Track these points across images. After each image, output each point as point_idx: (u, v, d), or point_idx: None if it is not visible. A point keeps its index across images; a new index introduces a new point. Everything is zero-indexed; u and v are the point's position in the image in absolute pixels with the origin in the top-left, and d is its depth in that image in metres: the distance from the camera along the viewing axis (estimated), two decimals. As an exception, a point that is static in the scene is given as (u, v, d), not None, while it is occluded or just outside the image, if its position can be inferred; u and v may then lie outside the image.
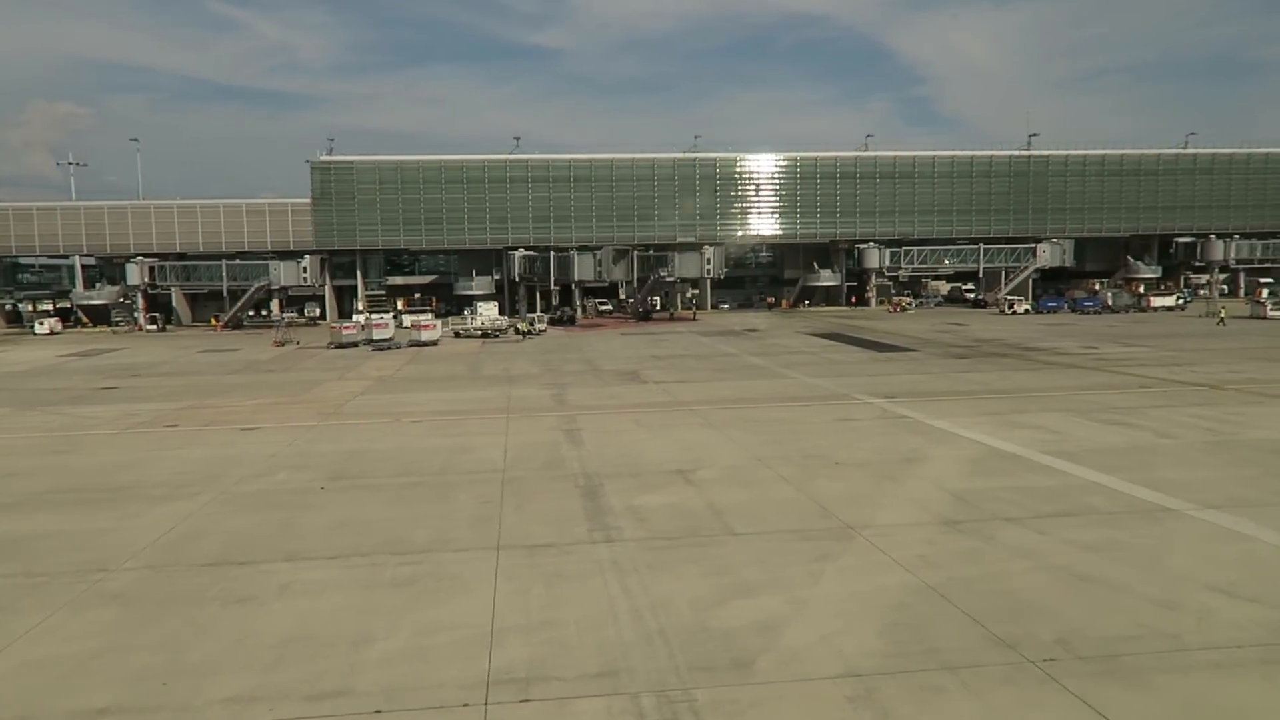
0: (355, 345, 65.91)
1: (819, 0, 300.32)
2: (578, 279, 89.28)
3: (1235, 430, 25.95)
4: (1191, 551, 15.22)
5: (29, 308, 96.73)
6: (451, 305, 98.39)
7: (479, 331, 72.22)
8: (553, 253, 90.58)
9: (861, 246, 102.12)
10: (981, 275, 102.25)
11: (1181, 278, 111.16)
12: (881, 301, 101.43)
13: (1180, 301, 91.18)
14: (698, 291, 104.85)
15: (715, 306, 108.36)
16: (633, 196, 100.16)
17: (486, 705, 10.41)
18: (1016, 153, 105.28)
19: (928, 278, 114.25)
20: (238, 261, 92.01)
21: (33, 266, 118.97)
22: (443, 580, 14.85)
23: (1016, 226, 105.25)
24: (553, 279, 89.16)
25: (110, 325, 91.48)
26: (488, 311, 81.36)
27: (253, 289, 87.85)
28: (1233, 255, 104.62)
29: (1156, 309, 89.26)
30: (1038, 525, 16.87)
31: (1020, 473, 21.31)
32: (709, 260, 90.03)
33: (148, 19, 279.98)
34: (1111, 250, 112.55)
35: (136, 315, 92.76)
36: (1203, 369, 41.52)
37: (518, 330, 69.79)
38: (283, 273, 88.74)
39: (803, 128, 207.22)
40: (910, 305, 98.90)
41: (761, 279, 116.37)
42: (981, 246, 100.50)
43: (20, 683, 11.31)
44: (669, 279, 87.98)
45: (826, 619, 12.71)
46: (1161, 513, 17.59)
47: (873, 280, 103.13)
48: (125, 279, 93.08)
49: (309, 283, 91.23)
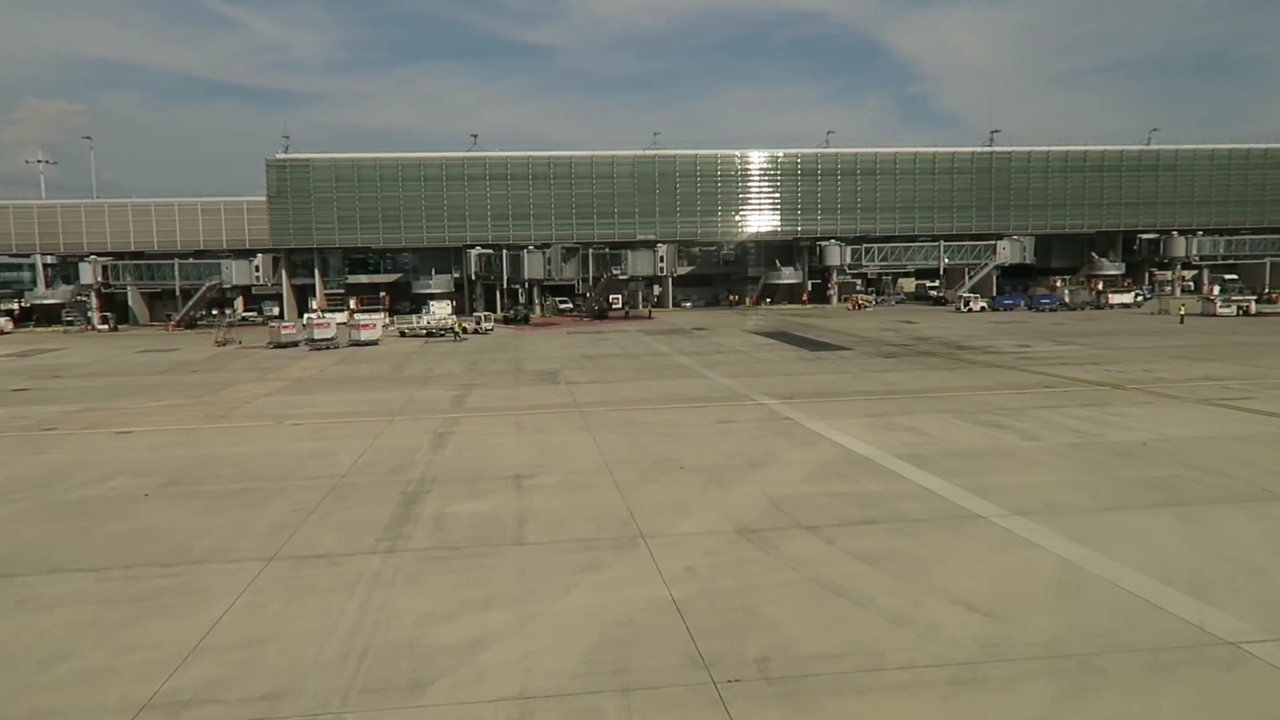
0: (295, 345, 65.28)
1: None
2: (528, 277, 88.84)
3: (1103, 432, 25.56)
4: (965, 561, 14.79)
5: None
6: (411, 304, 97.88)
7: (424, 331, 71.65)
8: (505, 251, 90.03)
9: (823, 244, 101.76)
10: (943, 273, 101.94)
11: (1146, 274, 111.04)
12: (844, 299, 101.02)
13: (1139, 299, 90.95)
14: (662, 290, 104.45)
15: (678, 305, 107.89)
16: (592, 194, 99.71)
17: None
18: (979, 149, 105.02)
19: (898, 275, 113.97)
20: (191, 261, 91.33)
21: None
22: (187, 594, 14.36)
23: (980, 223, 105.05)
24: (505, 278, 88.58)
25: (62, 325, 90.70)
26: (440, 310, 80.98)
27: (204, 288, 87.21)
28: (1194, 252, 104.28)
29: (1114, 306, 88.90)
30: (831, 534, 16.43)
31: (858, 478, 20.86)
32: (662, 258, 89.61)
33: (142, 16, 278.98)
34: (1077, 247, 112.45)
35: (90, 315, 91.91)
36: (1120, 368, 41.21)
37: (452, 331, 68.75)
38: (235, 271, 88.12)
39: (798, 125, 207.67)
40: (870, 303, 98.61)
41: (733, 277, 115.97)
42: (942, 244, 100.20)
43: None
44: (622, 277, 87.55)
45: (542, 636, 12.26)
46: (967, 520, 17.17)
47: (834, 278, 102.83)
48: (79, 278, 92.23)
49: (261, 282, 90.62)
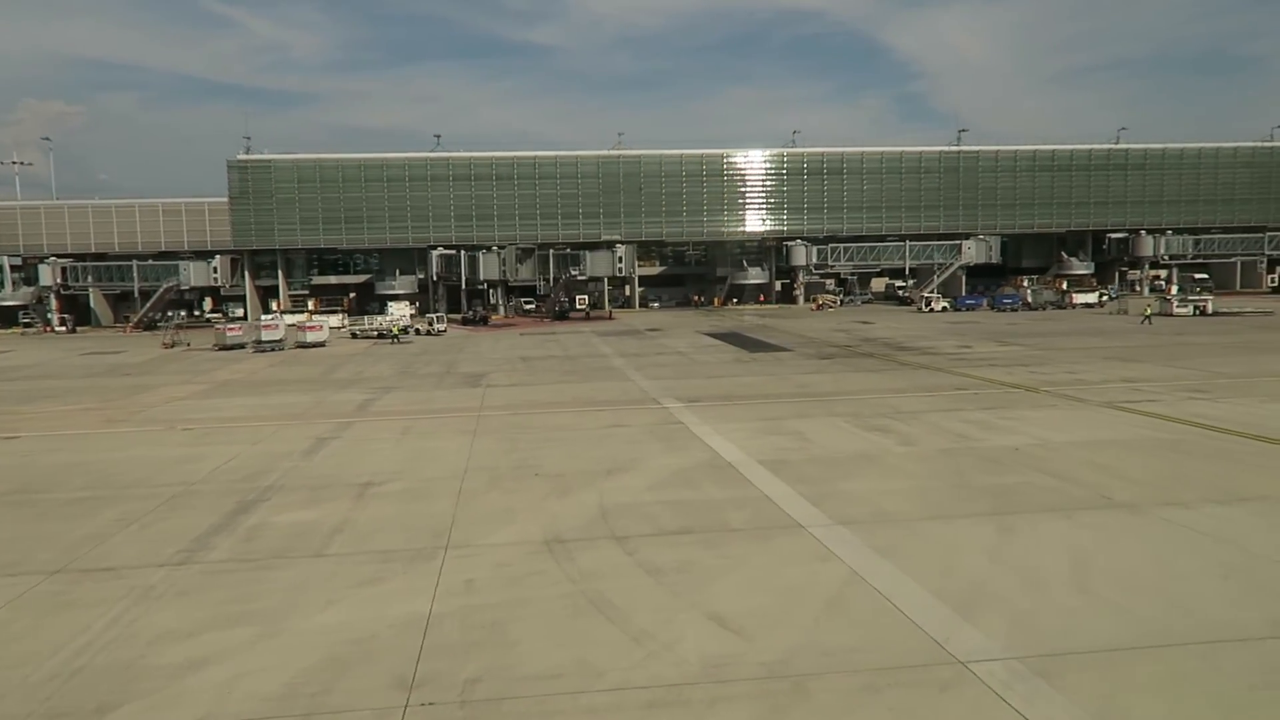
0: (242, 347, 64.77)
1: None
2: (484, 278, 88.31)
3: (985, 437, 25.16)
4: (751, 575, 14.36)
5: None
6: (379, 305, 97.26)
7: (375, 333, 71.12)
8: (462, 252, 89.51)
9: (789, 244, 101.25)
10: (908, 272, 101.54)
11: (1116, 274, 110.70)
12: (809, 300, 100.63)
13: (1103, 298, 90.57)
14: (629, 290, 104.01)
15: (646, 305, 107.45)
16: (557, 195, 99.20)
17: None
18: (947, 149, 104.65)
19: (871, 275, 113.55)
20: (150, 262, 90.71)
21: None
22: (-60, 611, 13.86)
23: (948, 223, 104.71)
24: (463, 279, 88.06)
25: (20, 327, 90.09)
26: (398, 312, 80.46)
27: (161, 289, 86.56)
28: (1162, 251, 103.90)
29: (1078, 306, 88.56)
30: (636, 545, 16.00)
31: (706, 485, 20.43)
32: (620, 259, 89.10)
33: (139, 17, 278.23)
34: (1048, 247, 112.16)
35: (50, 316, 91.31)
36: (1046, 369, 40.85)
37: (391, 334, 67.67)
38: (192, 273, 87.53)
39: (797, 124, 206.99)
40: (835, 303, 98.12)
41: (706, 277, 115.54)
42: (908, 243, 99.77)
43: None
44: (580, 278, 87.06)
45: (268, 655, 11.81)
46: (785, 530, 16.73)
47: (801, 278, 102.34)
48: (38, 280, 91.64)
49: (220, 283, 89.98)
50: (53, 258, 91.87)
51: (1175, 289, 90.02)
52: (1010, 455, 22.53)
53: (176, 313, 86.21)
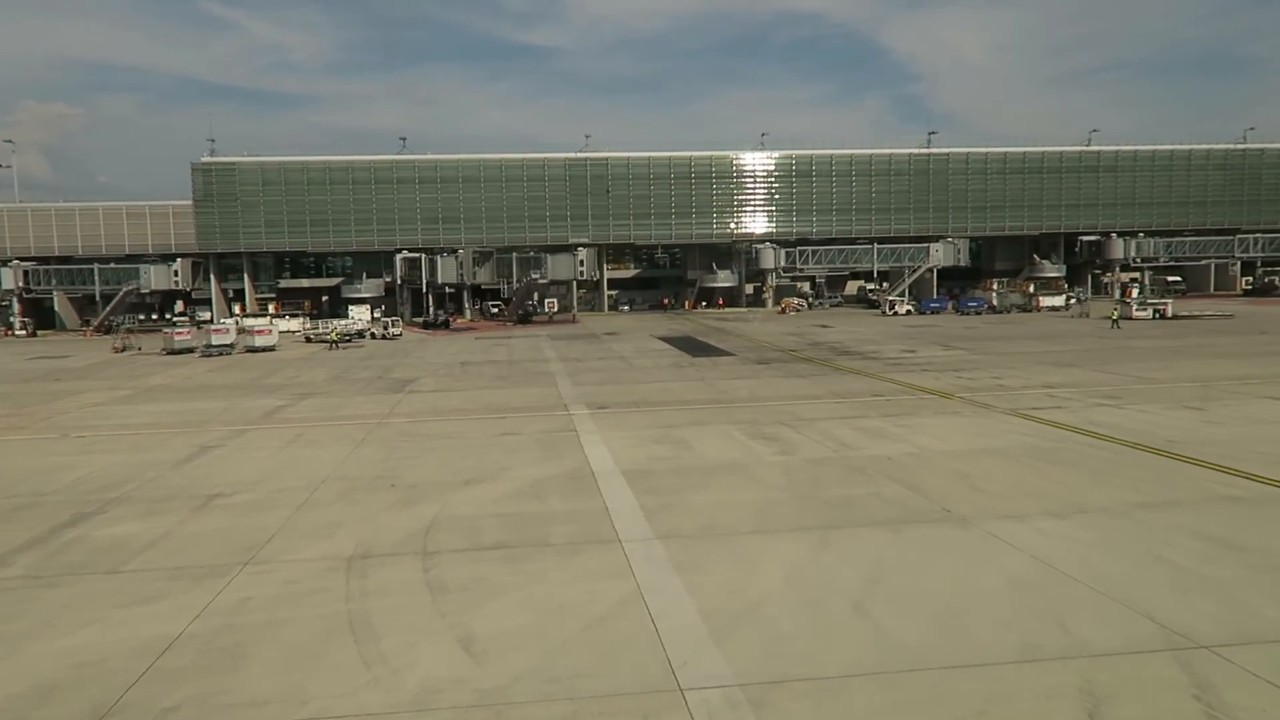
0: (190, 350, 64.28)
1: None
2: (442, 281, 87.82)
3: (866, 446, 24.76)
4: (539, 593, 13.94)
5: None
6: (343, 309, 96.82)
7: (343, 336, 70.57)
8: (424, 255, 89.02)
9: (758, 247, 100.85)
10: (875, 275, 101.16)
11: (1089, 277, 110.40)
12: (778, 303, 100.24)
13: (1070, 301, 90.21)
14: (592, 293, 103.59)
15: (616, 308, 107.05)
16: (524, 197, 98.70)
17: None
18: (917, 151, 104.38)
19: (847, 278, 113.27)
20: (111, 265, 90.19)
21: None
22: None
23: (918, 225, 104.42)
24: (424, 282, 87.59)
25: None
26: (359, 315, 79.97)
27: (121, 293, 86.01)
28: (1133, 253, 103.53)
29: (1044, 309, 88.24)
30: (439, 560, 15.60)
31: (554, 497, 20.03)
32: (582, 262, 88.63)
33: (139, 19, 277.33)
34: (1021, 249, 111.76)
35: (12, 320, 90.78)
36: (974, 374, 40.53)
37: (329, 340, 66.94)
38: (153, 276, 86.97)
39: (796, 126, 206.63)
40: (802, 306, 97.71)
41: (680, 279, 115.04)
42: (875, 246, 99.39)
43: None
44: (542, 281, 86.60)
45: (-21, 682, 11.30)
46: (600, 545, 16.31)
47: (770, 280, 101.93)
48: (0, 283, 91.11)
49: (181, 286, 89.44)
50: (15, 261, 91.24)
51: (1136, 292, 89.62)
52: (879, 465, 22.09)
53: (129, 316, 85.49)
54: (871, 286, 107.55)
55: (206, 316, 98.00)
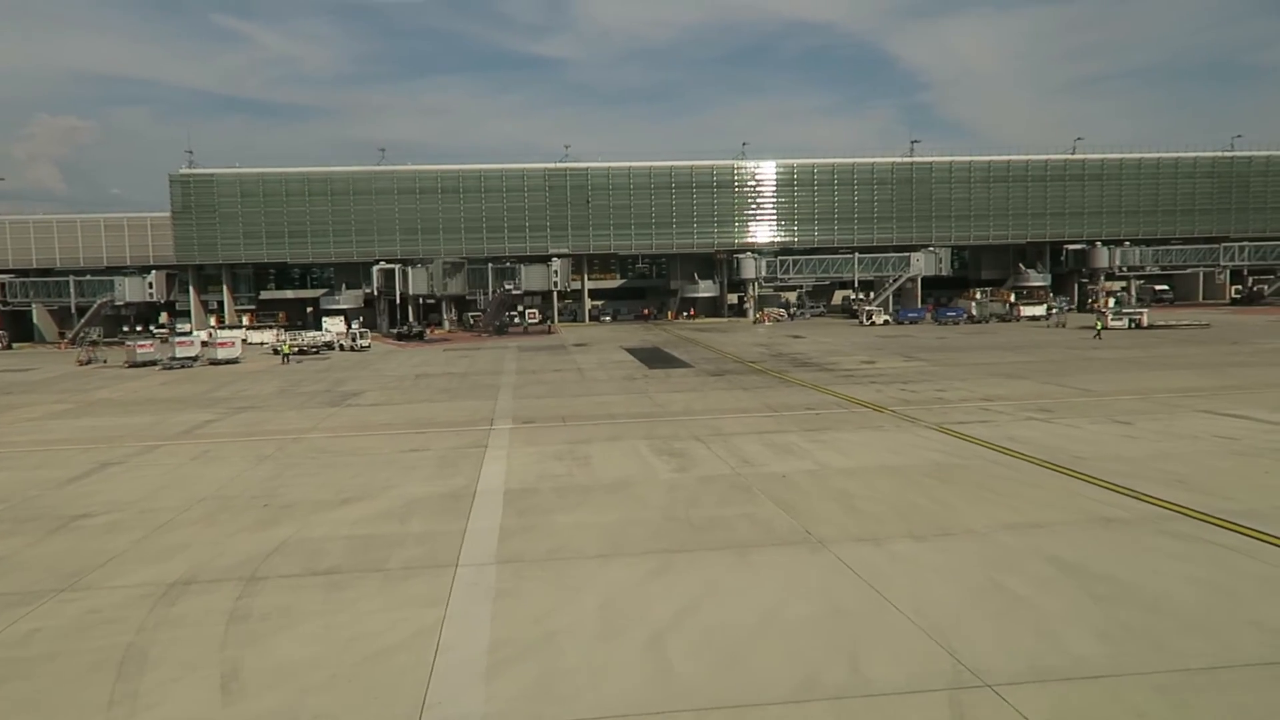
0: (154, 363, 63.92)
1: (820, 8, 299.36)
2: (413, 292, 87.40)
3: (769, 463, 24.17)
4: (344, 621, 13.33)
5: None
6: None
7: (296, 348, 70.19)
8: (397, 267, 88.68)
9: (739, 256, 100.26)
10: (856, 285, 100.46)
11: (1075, 286, 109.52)
12: (758, 313, 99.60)
13: (1051, 311, 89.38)
14: (573, 304, 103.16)
15: (597, 319, 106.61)
16: (503, 208, 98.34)
17: None
18: (899, 159, 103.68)
19: (834, 287, 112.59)
20: (87, 278, 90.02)
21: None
22: None
23: (901, 235, 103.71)
24: (398, 293, 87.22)
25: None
26: (334, 327, 79.64)
27: (96, 305, 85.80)
28: (1118, 262, 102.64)
29: (1024, 318, 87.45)
30: (267, 587, 15.02)
31: (419, 519, 19.46)
32: (555, 273, 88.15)
33: (151, 32, 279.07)
34: (1007, 258, 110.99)
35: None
36: (920, 386, 39.95)
37: (282, 353, 66.34)
38: (128, 288, 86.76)
39: (805, 135, 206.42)
40: (782, 317, 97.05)
41: (664, 290, 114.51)
42: (856, 256, 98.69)
43: None
44: (515, 292, 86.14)
45: None
46: (433, 570, 15.72)
47: (751, 290, 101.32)
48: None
49: (156, 298, 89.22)
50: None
51: (1112, 302, 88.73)
52: (769, 483, 21.47)
53: (95, 329, 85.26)
54: (858, 297, 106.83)
55: (186, 328, 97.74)
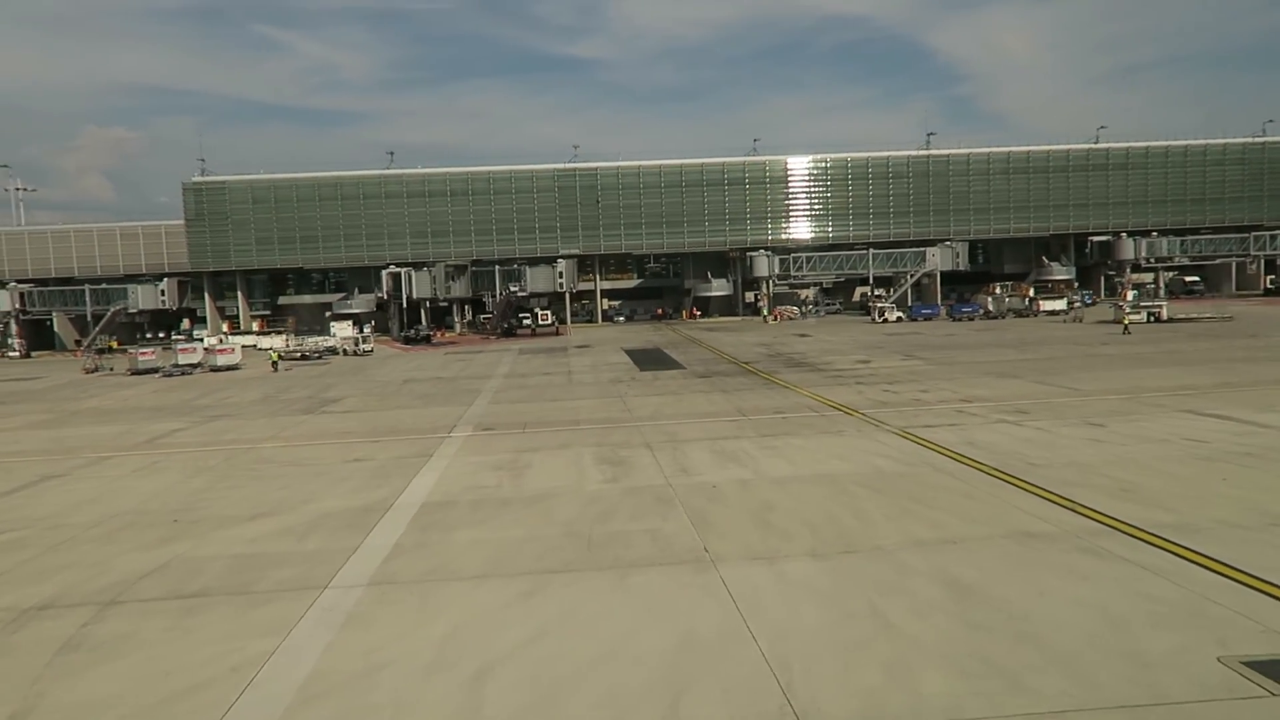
0: (155, 371, 64.29)
1: (856, 2, 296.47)
2: (416, 296, 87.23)
3: (708, 471, 23.25)
4: (171, 655, 12.63)
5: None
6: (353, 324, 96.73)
7: (298, 354, 70.30)
8: (403, 271, 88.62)
9: (752, 254, 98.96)
10: (873, 281, 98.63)
11: (1101, 278, 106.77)
12: (771, 311, 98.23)
13: (1072, 305, 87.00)
14: (600, 305, 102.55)
15: (613, 319, 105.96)
16: (513, 209, 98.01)
17: None
18: (916, 153, 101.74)
19: (855, 284, 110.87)
20: (102, 286, 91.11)
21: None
22: None
23: (918, 229, 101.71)
24: (404, 297, 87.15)
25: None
26: (342, 332, 79.76)
27: (109, 313, 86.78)
28: (1144, 253, 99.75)
29: (1043, 313, 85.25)
30: (116, 614, 14.38)
31: (319, 536, 18.78)
32: (561, 274, 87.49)
33: (194, 43, 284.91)
34: (1030, 252, 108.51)
35: (11, 341, 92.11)
36: (907, 387, 38.81)
37: (271, 361, 65.71)
38: (140, 296, 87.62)
39: (840, 131, 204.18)
40: (795, 315, 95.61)
41: (679, 289, 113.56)
42: (871, 252, 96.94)
43: None
44: (521, 294, 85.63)
45: None
46: (296, 594, 15.00)
47: (765, 289, 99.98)
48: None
49: (168, 305, 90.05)
50: (13, 283, 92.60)
51: (1130, 294, 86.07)
52: (696, 494, 20.55)
53: (106, 337, 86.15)
54: (879, 293, 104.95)
55: (204, 335, 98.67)
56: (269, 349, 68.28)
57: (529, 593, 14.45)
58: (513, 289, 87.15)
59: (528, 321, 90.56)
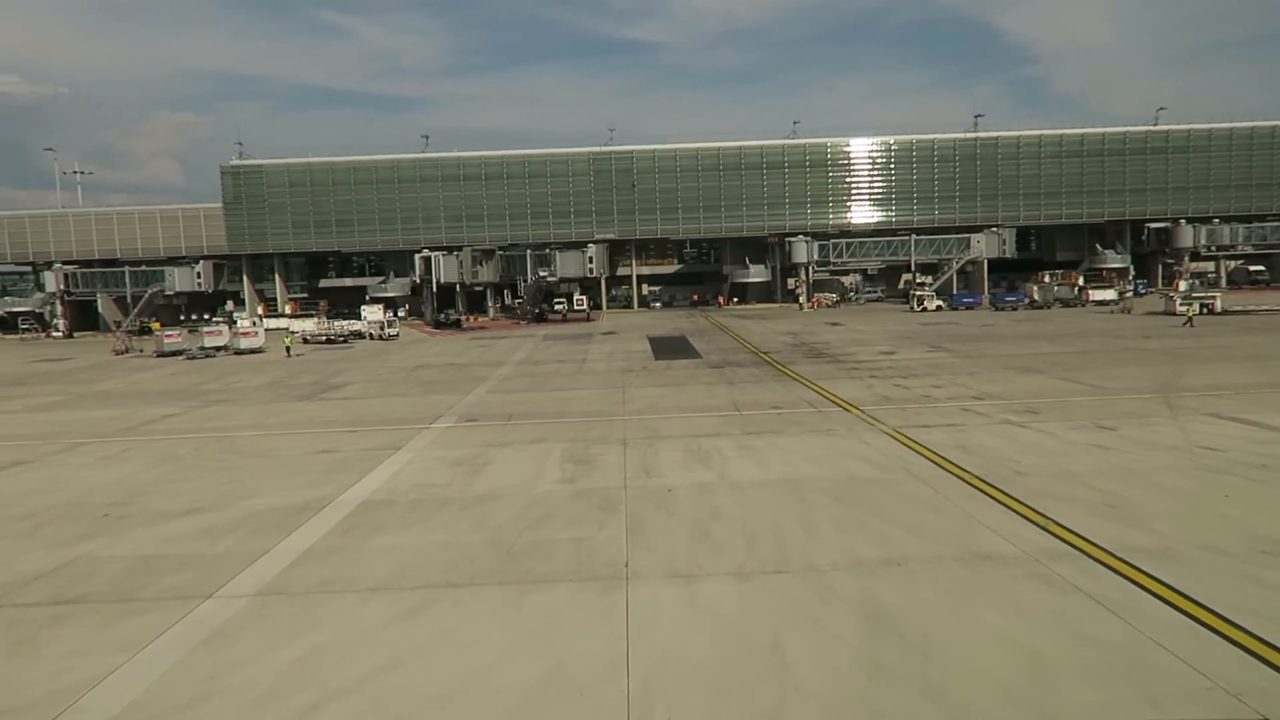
0: (180, 353, 64.74)
1: None
2: (443, 280, 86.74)
3: (673, 473, 21.96)
4: (40, 663, 11.71)
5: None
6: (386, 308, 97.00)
7: (323, 338, 70.29)
8: (433, 255, 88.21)
9: (790, 240, 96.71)
10: (913, 268, 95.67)
11: (1158, 266, 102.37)
12: (809, 298, 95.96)
13: (1124, 294, 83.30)
14: (636, 291, 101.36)
15: (649, 305, 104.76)
16: (548, 193, 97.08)
17: None
18: (963, 136, 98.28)
19: (901, 271, 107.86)
20: (142, 268, 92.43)
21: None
22: None
23: (965, 215, 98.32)
24: (433, 281, 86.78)
25: (19, 333, 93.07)
26: (372, 315, 79.77)
27: (146, 295, 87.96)
28: (1203, 241, 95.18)
29: (1091, 303, 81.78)
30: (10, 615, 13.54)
31: (243, 532, 17.83)
32: (591, 259, 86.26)
33: (261, 28, 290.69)
34: (1083, 239, 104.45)
35: (55, 322, 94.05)
36: (921, 381, 37.02)
37: (285, 346, 64.96)
38: (177, 278, 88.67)
39: (903, 114, 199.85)
40: (832, 302, 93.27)
41: (720, 275, 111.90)
42: (913, 238, 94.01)
43: None
44: (551, 279, 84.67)
45: None
46: (189, 602, 14.03)
47: (804, 275, 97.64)
48: (44, 286, 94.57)
49: (203, 287, 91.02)
50: (58, 265, 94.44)
51: (1182, 285, 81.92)
52: (648, 498, 19.26)
53: (144, 318, 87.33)
54: (922, 279, 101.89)
55: (243, 317, 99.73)
56: (294, 331, 68.26)
57: (413, 610, 13.28)
58: (542, 274, 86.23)
59: (560, 306, 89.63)
